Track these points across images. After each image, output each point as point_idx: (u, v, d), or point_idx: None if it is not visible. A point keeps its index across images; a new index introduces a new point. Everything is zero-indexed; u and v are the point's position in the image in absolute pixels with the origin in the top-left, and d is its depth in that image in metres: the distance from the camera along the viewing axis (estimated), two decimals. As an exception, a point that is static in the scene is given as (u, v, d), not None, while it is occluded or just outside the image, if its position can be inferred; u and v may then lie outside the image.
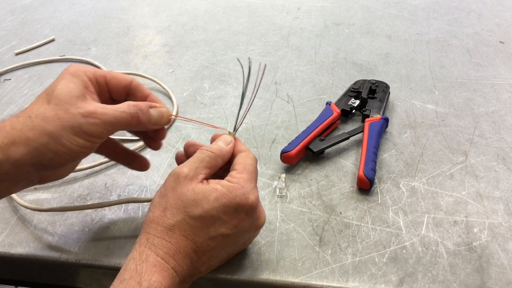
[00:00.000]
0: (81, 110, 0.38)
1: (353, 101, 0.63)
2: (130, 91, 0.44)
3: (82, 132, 0.38)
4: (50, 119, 0.37)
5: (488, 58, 0.76)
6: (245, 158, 0.42)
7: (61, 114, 0.37)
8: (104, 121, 0.39)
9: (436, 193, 0.51)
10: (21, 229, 0.49)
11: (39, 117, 0.37)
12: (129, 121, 0.40)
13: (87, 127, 0.38)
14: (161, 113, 0.43)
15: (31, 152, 0.37)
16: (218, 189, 0.38)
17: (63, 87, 0.39)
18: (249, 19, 0.94)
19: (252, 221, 0.40)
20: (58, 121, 0.37)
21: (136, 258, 0.36)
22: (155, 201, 0.40)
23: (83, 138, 0.38)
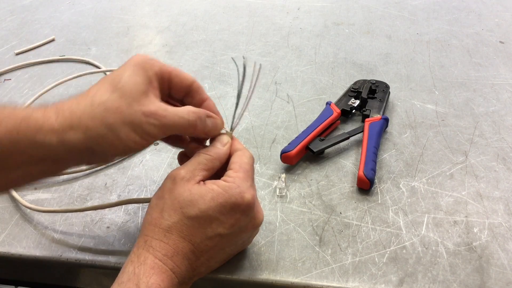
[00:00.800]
0: (144, 108, 0.37)
1: (353, 101, 0.63)
2: (190, 92, 0.43)
3: (140, 130, 0.37)
4: (112, 110, 0.36)
5: (488, 58, 0.76)
6: (241, 156, 0.42)
7: (123, 108, 0.37)
8: (163, 124, 0.38)
9: (436, 193, 0.51)
10: (21, 229, 0.49)
11: (101, 106, 0.37)
12: (186, 128, 0.40)
13: (146, 126, 0.37)
14: (215, 124, 0.42)
15: (87, 140, 0.36)
16: (214, 189, 0.38)
17: (130, 79, 0.38)
18: (249, 19, 0.94)
19: (249, 220, 0.40)
20: (120, 114, 0.37)
21: (134, 261, 0.36)
22: (152, 203, 0.40)
23: (140, 136, 0.38)
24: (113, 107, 0.37)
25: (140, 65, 0.39)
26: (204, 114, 0.41)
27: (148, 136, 0.38)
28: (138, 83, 0.38)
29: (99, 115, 0.36)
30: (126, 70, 0.39)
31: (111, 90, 0.38)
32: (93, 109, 0.37)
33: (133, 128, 0.37)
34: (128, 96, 0.37)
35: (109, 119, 0.36)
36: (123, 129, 0.37)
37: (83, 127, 0.36)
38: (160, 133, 0.39)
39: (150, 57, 0.41)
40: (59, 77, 0.75)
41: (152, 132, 0.38)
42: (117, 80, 0.38)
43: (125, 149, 0.38)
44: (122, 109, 0.37)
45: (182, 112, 0.40)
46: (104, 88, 0.38)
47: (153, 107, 0.38)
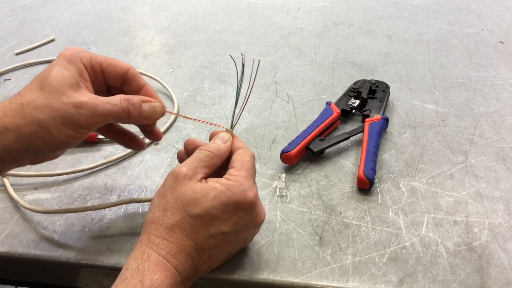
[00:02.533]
0: (73, 100, 0.38)
1: (353, 101, 0.63)
2: (127, 79, 0.44)
3: (71, 123, 0.38)
4: (41, 107, 0.37)
5: (488, 58, 0.76)
6: (242, 155, 0.42)
7: (52, 103, 0.37)
8: (94, 113, 0.39)
9: (436, 193, 0.51)
10: (21, 229, 0.49)
11: (30, 104, 0.37)
12: (120, 115, 0.40)
13: (77, 118, 0.38)
14: (153, 107, 0.43)
15: (20, 139, 0.37)
16: (216, 188, 0.38)
17: (57, 75, 0.39)
18: (249, 19, 0.94)
19: (251, 218, 0.40)
20: (49, 110, 0.37)
21: (137, 258, 0.36)
22: (154, 202, 0.40)
23: (71, 129, 0.38)
24: (42, 104, 0.37)
25: (68, 59, 0.40)
26: (139, 100, 0.42)
27: (80, 128, 0.39)
28: (66, 77, 0.39)
29: (28, 114, 0.37)
30: (54, 66, 0.39)
31: (39, 88, 0.38)
32: (23, 108, 0.37)
33: (63, 121, 0.37)
34: (57, 91, 0.38)
35: (39, 116, 0.37)
36: (53, 124, 0.37)
37: (15, 127, 0.37)
38: (92, 123, 0.39)
39: (79, 49, 0.41)
40: (59, 77, 0.75)
41: (84, 123, 0.38)
42: (45, 77, 0.39)
43: (59, 144, 0.39)
44: (51, 105, 0.37)
45: (113, 100, 0.40)
46: (33, 87, 0.39)
47: (83, 98, 0.38)
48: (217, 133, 0.44)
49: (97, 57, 0.42)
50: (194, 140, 0.45)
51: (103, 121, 0.40)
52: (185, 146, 0.45)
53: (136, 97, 0.42)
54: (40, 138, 0.37)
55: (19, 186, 0.55)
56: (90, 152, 0.59)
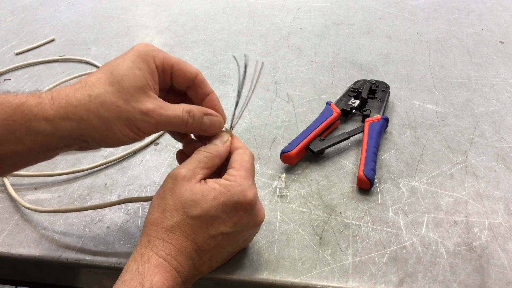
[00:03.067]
0: (141, 106, 0.38)
1: (353, 101, 0.63)
2: (193, 85, 0.43)
3: (135, 126, 0.38)
4: (108, 105, 0.37)
5: (488, 58, 0.76)
6: (241, 155, 0.42)
7: (120, 103, 0.37)
8: (158, 122, 0.39)
9: (436, 193, 0.51)
10: (21, 229, 0.49)
11: (98, 99, 0.37)
12: (179, 125, 0.40)
13: (141, 123, 0.38)
14: (213, 122, 0.42)
15: (80, 130, 0.37)
16: (216, 188, 0.38)
17: (129, 72, 0.38)
18: (249, 19, 0.94)
19: (251, 218, 0.40)
20: (116, 109, 0.37)
21: (137, 260, 0.36)
22: (154, 203, 0.40)
23: (133, 132, 0.38)
24: (109, 102, 0.37)
25: (142, 57, 0.39)
26: (200, 113, 0.41)
27: (141, 133, 0.39)
28: (137, 77, 0.38)
29: (94, 108, 0.36)
30: (126, 61, 0.39)
31: (109, 83, 0.37)
32: (90, 101, 0.37)
33: (127, 124, 0.37)
34: (126, 92, 0.37)
35: (105, 113, 0.37)
36: (118, 124, 0.37)
37: (77, 118, 0.36)
38: (154, 130, 0.39)
39: (153, 47, 0.40)
40: (59, 77, 0.75)
41: (146, 129, 0.39)
42: (116, 72, 0.38)
43: (116, 142, 0.39)
44: (118, 105, 0.37)
45: (176, 110, 0.40)
46: (102, 80, 0.38)
47: (150, 105, 0.38)
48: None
49: (169, 59, 0.41)
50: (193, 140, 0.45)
51: (163, 129, 0.41)
52: (184, 146, 0.45)
53: (198, 109, 0.41)
54: (100, 133, 0.37)
55: (19, 186, 0.55)
56: (90, 152, 0.59)
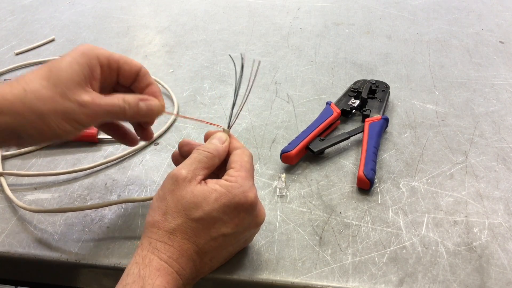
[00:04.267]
0: (78, 98, 0.38)
1: (353, 101, 0.63)
2: (138, 77, 0.44)
3: (72, 119, 0.38)
4: (44, 99, 0.37)
5: (488, 58, 0.76)
6: (241, 155, 0.42)
7: (57, 97, 0.37)
8: (96, 113, 0.39)
9: (436, 193, 0.51)
10: (21, 229, 0.49)
11: (34, 93, 0.37)
12: (117, 114, 0.41)
13: (79, 116, 0.38)
14: (150, 106, 0.43)
15: (15, 125, 0.37)
16: (217, 190, 0.38)
17: (67, 67, 0.38)
18: (249, 19, 0.94)
19: (252, 219, 0.40)
20: (52, 104, 0.37)
21: (139, 263, 0.36)
22: (154, 205, 0.39)
23: (71, 125, 0.38)
24: (45, 96, 0.37)
25: (84, 53, 0.40)
26: (135, 98, 0.42)
27: (79, 125, 0.39)
28: (75, 72, 0.38)
29: (30, 102, 0.36)
30: (66, 57, 0.39)
31: (46, 78, 0.38)
32: (25, 96, 0.36)
33: (64, 118, 0.37)
34: (62, 85, 0.37)
35: (41, 107, 0.36)
36: (54, 118, 0.37)
37: (12, 112, 0.36)
38: (91, 121, 0.39)
39: (97, 47, 0.41)
40: (59, 77, 0.75)
41: (84, 121, 0.39)
42: (54, 67, 0.38)
43: (53, 136, 0.38)
44: (55, 99, 0.37)
45: (113, 99, 0.40)
46: (39, 75, 0.38)
47: (87, 97, 0.38)
48: (213, 133, 0.44)
49: (114, 55, 0.42)
50: (188, 141, 0.45)
51: (102, 120, 0.41)
52: (180, 148, 0.45)
53: (133, 96, 0.42)
54: (36, 128, 0.37)
55: (19, 186, 0.55)
56: (90, 152, 0.59)
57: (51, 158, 0.58)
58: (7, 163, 0.58)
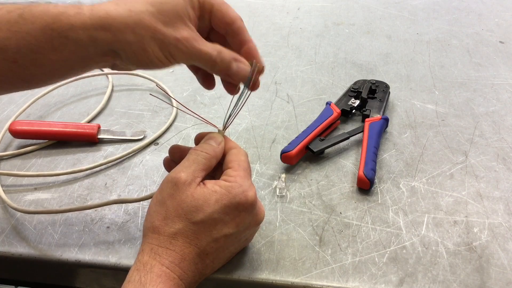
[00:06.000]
0: (177, 34, 0.37)
1: (353, 101, 0.63)
2: (231, 31, 0.42)
3: (167, 50, 0.38)
4: (145, 23, 0.37)
5: (488, 58, 0.76)
6: (237, 155, 0.42)
7: (158, 25, 0.37)
8: (189, 52, 0.38)
9: (436, 193, 0.51)
10: (21, 229, 0.49)
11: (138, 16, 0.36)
12: (208, 63, 0.40)
13: (173, 49, 0.38)
14: (240, 70, 0.41)
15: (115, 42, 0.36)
16: (217, 191, 0.38)
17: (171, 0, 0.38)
18: (249, 19, 0.94)
19: (252, 217, 0.40)
20: (152, 30, 0.37)
21: (140, 269, 0.36)
22: (152, 210, 0.39)
23: (164, 55, 0.38)
24: (147, 21, 0.37)
25: None
26: (230, 56, 0.41)
27: (172, 59, 0.38)
28: (179, 5, 0.38)
29: (132, 24, 0.36)
30: None
31: (151, 3, 0.37)
32: (129, 15, 0.36)
33: (160, 47, 0.37)
34: (165, 15, 0.37)
35: (141, 30, 0.36)
36: (151, 44, 0.37)
37: (114, 29, 0.36)
38: (183, 59, 0.39)
39: None
40: (59, 77, 0.75)
41: (176, 57, 0.38)
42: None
43: (147, 62, 0.38)
44: (156, 26, 0.37)
45: (209, 47, 0.39)
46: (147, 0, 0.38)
47: (186, 33, 0.38)
48: (205, 134, 0.44)
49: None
50: (179, 146, 0.44)
51: (192, 62, 0.40)
52: (171, 154, 0.45)
53: (229, 53, 0.41)
54: (133, 49, 0.37)
55: (19, 186, 0.55)
56: (90, 152, 0.59)
57: (51, 158, 0.58)
58: (7, 163, 0.58)
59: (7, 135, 0.61)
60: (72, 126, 0.60)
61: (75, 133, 0.60)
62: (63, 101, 0.69)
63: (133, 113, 0.66)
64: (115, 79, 0.74)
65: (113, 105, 0.68)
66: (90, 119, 0.65)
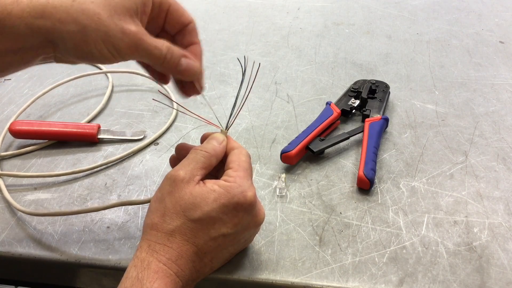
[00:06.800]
0: (124, 25, 0.36)
1: (353, 101, 0.63)
2: (184, 31, 0.42)
3: (111, 44, 0.36)
4: (90, 13, 0.35)
5: (488, 58, 0.76)
6: (238, 155, 0.42)
7: (103, 16, 0.35)
8: (136, 47, 0.37)
9: (436, 193, 0.51)
10: (21, 229, 0.49)
11: (81, 5, 0.35)
12: (157, 59, 0.39)
13: (119, 42, 0.36)
14: (190, 66, 0.41)
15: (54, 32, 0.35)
16: (216, 190, 0.38)
17: None
18: (249, 19, 0.94)
19: (251, 218, 0.40)
20: (97, 20, 0.35)
21: (137, 266, 0.36)
22: (152, 207, 0.39)
23: (107, 49, 0.36)
24: (92, 11, 0.35)
25: None
26: (179, 52, 0.40)
27: (115, 53, 0.37)
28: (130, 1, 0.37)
29: (75, 13, 0.35)
30: None
31: None
32: (72, 5, 0.35)
33: (104, 39, 0.35)
34: (112, 7, 0.36)
35: (84, 20, 0.35)
36: (94, 36, 0.35)
37: (55, 18, 0.34)
38: (129, 54, 0.37)
39: None
40: (59, 77, 0.75)
41: (122, 50, 0.37)
42: None
43: (88, 55, 0.36)
44: (100, 17, 0.35)
45: (158, 42, 0.38)
46: None
47: (133, 27, 0.37)
48: (210, 134, 0.44)
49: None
50: (185, 144, 0.44)
51: (140, 58, 0.39)
52: (177, 152, 0.45)
53: (178, 49, 0.40)
54: (74, 41, 0.35)
55: (19, 186, 0.55)
56: (90, 152, 0.59)
57: (51, 158, 0.58)
58: (7, 163, 0.58)
59: (7, 135, 0.61)
60: (72, 126, 0.60)
61: (75, 133, 0.60)
62: (63, 101, 0.69)
63: (133, 113, 0.66)
64: (115, 79, 0.74)
65: (113, 105, 0.68)
66: (90, 119, 0.65)
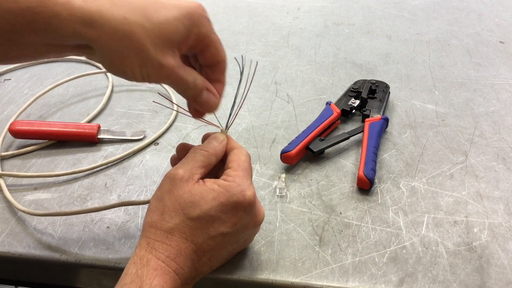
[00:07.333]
0: (163, 60, 0.36)
1: (353, 101, 0.63)
2: (213, 66, 0.42)
3: (146, 71, 0.36)
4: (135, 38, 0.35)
5: (488, 58, 0.76)
6: (238, 155, 0.42)
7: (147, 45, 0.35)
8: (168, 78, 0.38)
9: (436, 193, 0.51)
10: (21, 229, 0.49)
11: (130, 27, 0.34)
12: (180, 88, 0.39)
13: (152, 72, 0.36)
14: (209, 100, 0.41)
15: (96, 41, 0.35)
16: (215, 189, 0.38)
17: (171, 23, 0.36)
18: (249, 19, 0.94)
19: (250, 218, 0.40)
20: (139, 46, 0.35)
21: (137, 263, 0.36)
22: (151, 205, 0.39)
23: (140, 73, 0.37)
24: (138, 37, 0.35)
25: (192, 16, 0.37)
26: (203, 85, 0.40)
27: (147, 78, 0.37)
28: (177, 32, 0.36)
29: (122, 33, 0.34)
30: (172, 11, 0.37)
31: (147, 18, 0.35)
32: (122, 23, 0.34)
33: (141, 65, 0.36)
34: (158, 37, 0.36)
35: (129, 44, 0.35)
36: (132, 59, 0.35)
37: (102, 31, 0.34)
38: (158, 82, 0.39)
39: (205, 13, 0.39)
40: (59, 77, 0.75)
41: (153, 78, 0.37)
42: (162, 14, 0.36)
43: (119, 72, 0.37)
44: (145, 46, 0.35)
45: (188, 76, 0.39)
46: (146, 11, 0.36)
47: (172, 62, 0.37)
48: (210, 134, 0.44)
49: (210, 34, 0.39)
50: (186, 144, 0.45)
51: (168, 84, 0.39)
52: (178, 152, 0.45)
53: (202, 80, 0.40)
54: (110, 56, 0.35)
55: (19, 186, 0.55)
56: (90, 152, 0.59)
57: (51, 158, 0.58)
58: (7, 163, 0.58)
59: (7, 135, 0.61)
60: (72, 126, 0.60)
61: (75, 133, 0.60)
62: (63, 101, 0.69)
63: (133, 113, 0.66)
64: (115, 78, 0.74)
65: (113, 105, 0.68)
66: (90, 119, 0.65)
